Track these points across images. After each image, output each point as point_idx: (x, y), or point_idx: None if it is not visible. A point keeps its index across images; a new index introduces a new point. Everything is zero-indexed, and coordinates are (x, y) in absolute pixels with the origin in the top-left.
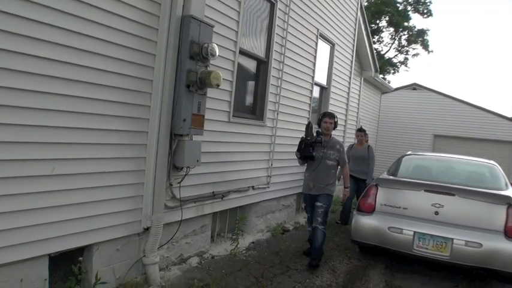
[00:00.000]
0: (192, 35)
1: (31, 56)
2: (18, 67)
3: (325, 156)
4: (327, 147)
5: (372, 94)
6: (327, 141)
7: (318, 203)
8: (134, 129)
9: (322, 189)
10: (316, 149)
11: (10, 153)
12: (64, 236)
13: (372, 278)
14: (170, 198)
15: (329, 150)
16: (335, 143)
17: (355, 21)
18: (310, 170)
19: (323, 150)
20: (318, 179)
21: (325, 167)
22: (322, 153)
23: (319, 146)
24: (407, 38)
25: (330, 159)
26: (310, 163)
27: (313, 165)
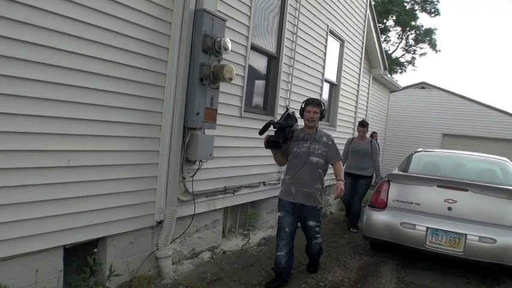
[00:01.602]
0: (205, 29)
1: (48, 47)
2: (37, 58)
3: (309, 152)
4: (311, 141)
5: (380, 93)
6: (311, 135)
7: (310, 222)
8: (148, 122)
9: (309, 197)
10: (296, 144)
11: (26, 144)
12: (79, 227)
13: (384, 274)
14: (183, 192)
15: (313, 145)
16: (321, 136)
17: (364, 19)
18: (291, 172)
19: (306, 145)
20: (301, 181)
21: (309, 166)
22: (306, 149)
23: (302, 140)
24: (414, 37)
25: (315, 155)
26: (292, 164)
27: (295, 165)
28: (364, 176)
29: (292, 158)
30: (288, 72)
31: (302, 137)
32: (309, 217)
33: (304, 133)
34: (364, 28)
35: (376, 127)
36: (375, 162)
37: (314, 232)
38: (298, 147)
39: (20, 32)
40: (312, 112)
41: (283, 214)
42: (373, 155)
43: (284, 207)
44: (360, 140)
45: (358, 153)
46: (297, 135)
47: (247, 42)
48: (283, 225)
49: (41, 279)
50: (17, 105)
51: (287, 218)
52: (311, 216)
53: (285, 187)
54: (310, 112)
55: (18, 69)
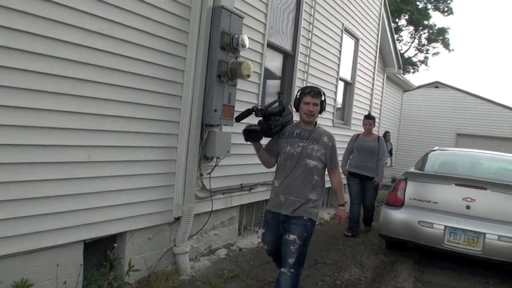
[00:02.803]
0: (223, 26)
1: (73, 43)
2: (60, 54)
3: (305, 153)
4: (308, 140)
5: (393, 92)
6: (309, 132)
7: (290, 236)
8: (166, 118)
9: (299, 207)
10: (290, 143)
11: (48, 139)
12: (99, 222)
13: (401, 273)
14: (200, 189)
15: (311, 144)
16: (321, 134)
17: (378, 17)
18: (281, 176)
19: (301, 144)
20: (291, 188)
21: (303, 170)
22: (301, 149)
23: (297, 137)
24: (427, 36)
25: (311, 157)
26: (283, 166)
27: (286, 168)
28: (372, 178)
29: (284, 160)
30: (303, 70)
31: (298, 133)
32: (291, 229)
33: (300, 129)
34: (378, 26)
35: (389, 127)
36: (380, 160)
37: (288, 253)
38: (291, 146)
39: (48, 29)
40: (312, 104)
41: (264, 231)
42: (380, 154)
43: (267, 223)
44: (366, 136)
45: (364, 151)
46: (291, 131)
47: (263, 39)
48: (264, 243)
49: (62, 273)
50: (42, 100)
51: (268, 237)
52: (294, 228)
53: (273, 195)
54: (309, 104)
55: (45, 64)
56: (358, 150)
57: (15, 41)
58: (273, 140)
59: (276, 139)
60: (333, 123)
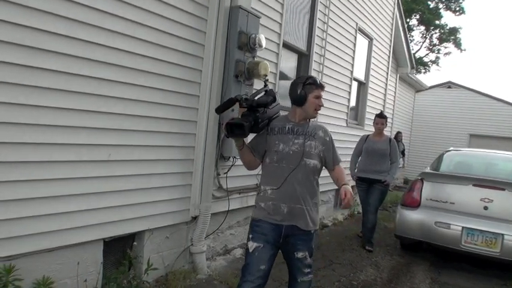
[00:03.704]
0: (240, 26)
1: (95, 43)
2: (83, 54)
3: (303, 152)
4: (303, 136)
5: (406, 92)
6: (303, 126)
7: (300, 253)
8: (184, 118)
9: (303, 217)
10: (282, 139)
11: (69, 138)
12: (119, 221)
13: (417, 274)
14: (217, 188)
15: (308, 141)
16: (315, 128)
17: (392, 16)
18: (277, 180)
19: (298, 141)
20: (293, 195)
21: (304, 172)
22: (299, 147)
23: (290, 133)
24: (438, 36)
25: (311, 155)
26: (277, 168)
27: (282, 170)
28: (380, 180)
29: (277, 160)
30: (318, 70)
31: (290, 128)
32: (299, 246)
33: (292, 123)
34: (392, 26)
35: (401, 127)
36: (394, 162)
37: (303, 266)
38: (285, 144)
39: (75, 30)
40: (322, 99)
41: (260, 245)
42: (392, 156)
43: (263, 235)
44: (376, 137)
45: (374, 154)
46: (281, 125)
47: (279, 39)
48: (257, 260)
49: (82, 271)
50: (64, 99)
51: (265, 252)
52: (303, 244)
53: (267, 203)
54: (320, 99)
55: (68, 64)
56: (367, 153)
57: (36, 40)
58: (258, 137)
59: (262, 136)
60: (347, 124)
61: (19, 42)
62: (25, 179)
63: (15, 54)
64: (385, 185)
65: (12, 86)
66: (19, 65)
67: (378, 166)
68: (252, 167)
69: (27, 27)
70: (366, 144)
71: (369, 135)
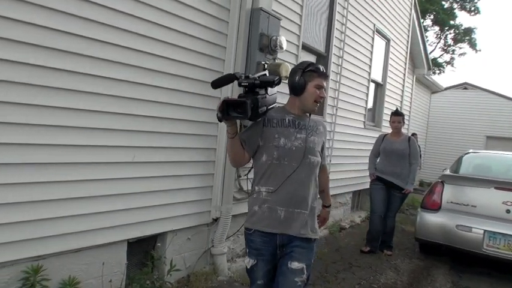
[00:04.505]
0: (261, 28)
1: (118, 46)
2: (108, 56)
3: (307, 148)
4: (306, 130)
5: (421, 93)
6: (304, 119)
7: (295, 263)
8: (206, 120)
9: (306, 224)
10: (283, 133)
11: (94, 139)
12: (142, 222)
13: (437, 278)
14: (237, 190)
15: (311, 136)
16: (316, 123)
17: (409, 17)
18: (275, 181)
19: (301, 136)
20: (295, 198)
21: (307, 171)
22: (302, 142)
23: (292, 126)
24: (453, 36)
25: (314, 152)
26: (276, 166)
27: (283, 168)
28: (400, 188)
29: (278, 157)
30: (336, 71)
31: (291, 121)
32: (295, 254)
33: (292, 115)
34: (409, 27)
35: (417, 129)
36: (412, 165)
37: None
38: (286, 139)
39: (101, 33)
40: (323, 89)
41: (254, 261)
42: (411, 157)
43: (256, 250)
44: (394, 136)
45: (392, 155)
46: (280, 117)
47: (298, 41)
48: (255, 276)
49: (107, 271)
50: (87, 101)
51: (261, 269)
52: (300, 253)
53: (261, 206)
54: (322, 89)
55: (96, 68)
56: (385, 154)
57: (54, 40)
58: (251, 128)
59: (256, 127)
60: (364, 125)
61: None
62: (55, 180)
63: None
64: (406, 193)
65: (49, 89)
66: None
67: (397, 168)
68: (239, 163)
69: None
70: (384, 145)
71: (386, 134)
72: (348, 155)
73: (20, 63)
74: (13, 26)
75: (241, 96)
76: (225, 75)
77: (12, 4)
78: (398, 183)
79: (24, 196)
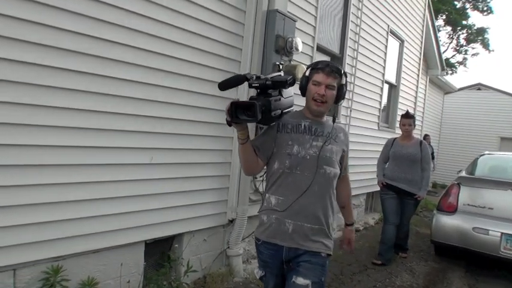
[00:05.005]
0: (277, 29)
1: (134, 47)
2: (128, 59)
3: (323, 157)
4: (323, 137)
5: (435, 94)
6: (321, 125)
7: (300, 279)
8: (222, 121)
9: (316, 238)
10: (296, 139)
11: (114, 141)
12: (160, 223)
13: (453, 280)
14: (253, 192)
15: (329, 144)
16: (336, 130)
17: (423, 18)
18: (288, 192)
19: (315, 143)
20: (305, 211)
21: (323, 183)
22: (316, 150)
23: (307, 132)
24: (466, 37)
25: (331, 163)
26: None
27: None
28: (412, 194)
29: (290, 166)
30: (351, 72)
31: (307, 127)
32: (302, 269)
33: (309, 120)
34: (422, 28)
35: (430, 130)
36: (425, 171)
37: None
38: (301, 146)
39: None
40: (324, 86)
41: (263, 274)
42: (423, 162)
43: (264, 262)
44: (405, 140)
45: (402, 159)
46: (295, 122)
47: (313, 42)
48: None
49: (125, 272)
50: (104, 103)
51: (269, 282)
52: (308, 269)
53: (270, 217)
54: (321, 86)
55: (110, 69)
56: (395, 159)
57: (73, 43)
58: (264, 134)
59: (270, 133)
60: (379, 127)
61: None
62: (75, 181)
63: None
64: (418, 199)
65: (68, 91)
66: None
67: (408, 174)
68: (252, 171)
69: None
70: (394, 149)
71: (396, 138)
72: (362, 156)
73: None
74: (21, 26)
75: (252, 99)
76: (235, 75)
77: (21, 4)
78: (411, 190)
79: (45, 197)
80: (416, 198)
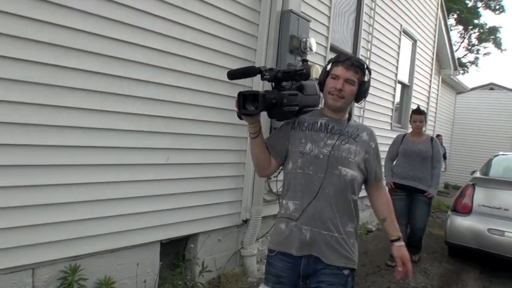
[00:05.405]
0: (291, 30)
1: (149, 48)
2: (144, 60)
3: (337, 157)
4: (340, 136)
5: (447, 94)
6: (340, 123)
7: None
8: (236, 122)
9: (333, 249)
10: (310, 137)
11: (131, 141)
12: (175, 223)
13: (468, 282)
14: (267, 192)
15: (346, 143)
16: (358, 129)
17: (435, 17)
18: (300, 195)
19: (330, 142)
20: (321, 215)
21: (337, 185)
22: (330, 149)
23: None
24: (477, 36)
25: (348, 163)
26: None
27: (307, 180)
28: (423, 191)
29: (302, 165)
30: None
31: (323, 124)
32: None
33: (326, 118)
34: (435, 27)
35: (442, 130)
36: (435, 168)
37: None
38: (314, 144)
39: (148, 40)
40: (343, 80)
41: None
42: (434, 160)
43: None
44: (415, 137)
45: (413, 156)
46: (313, 120)
47: (326, 42)
48: None
49: (141, 272)
50: (120, 103)
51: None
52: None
53: (288, 224)
54: (339, 79)
55: (124, 69)
56: (406, 156)
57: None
58: (279, 132)
59: (284, 130)
60: (391, 127)
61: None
62: (93, 181)
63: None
64: (428, 198)
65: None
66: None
67: (419, 172)
68: (265, 171)
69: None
70: (403, 146)
71: (405, 134)
72: None
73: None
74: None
75: (270, 93)
76: (247, 66)
77: (32, 3)
78: (421, 187)
79: (62, 197)
80: (427, 195)
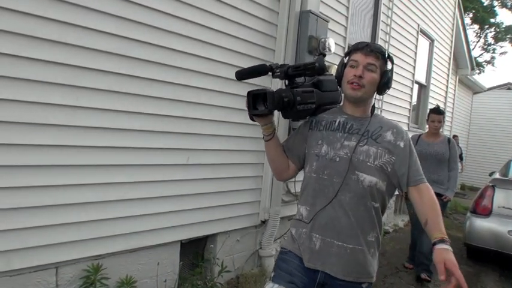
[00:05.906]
0: (310, 30)
1: (165, 47)
2: (156, 59)
3: (355, 160)
4: (359, 136)
5: (463, 94)
6: (361, 121)
7: None
8: (255, 123)
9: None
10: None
11: (153, 142)
12: (195, 223)
13: (488, 284)
14: (285, 192)
15: (365, 144)
16: (382, 126)
17: (453, 16)
18: (313, 201)
19: (347, 143)
20: (335, 225)
21: (354, 193)
22: (348, 151)
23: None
24: (494, 35)
25: (367, 168)
26: (315, 181)
27: (322, 185)
28: (440, 194)
29: (316, 169)
30: None
31: (341, 123)
32: None
33: (346, 116)
34: (452, 27)
35: (458, 131)
36: (453, 170)
37: None
38: (330, 146)
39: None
40: (362, 67)
41: None
42: (452, 162)
43: (288, 275)
44: (431, 138)
45: (430, 158)
46: (331, 118)
47: (344, 42)
48: None
49: (161, 271)
50: (137, 104)
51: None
52: None
53: (299, 230)
54: (358, 66)
55: (141, 69)
56: (420, 158)
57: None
58: (297, 134)
59: (302, 132)
60: (408, 127)
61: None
62: (116, 181)
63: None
64: (445, 200)
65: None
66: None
67: (435, 174)
68: (282, 175)
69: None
70: (418, 147)
71: (420, 135)
72: None
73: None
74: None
75: (281, 91)
76: (258, 64)
77: (49, 3)
78: (438, 191)
79: (86, 197)
80: (443, 199)
